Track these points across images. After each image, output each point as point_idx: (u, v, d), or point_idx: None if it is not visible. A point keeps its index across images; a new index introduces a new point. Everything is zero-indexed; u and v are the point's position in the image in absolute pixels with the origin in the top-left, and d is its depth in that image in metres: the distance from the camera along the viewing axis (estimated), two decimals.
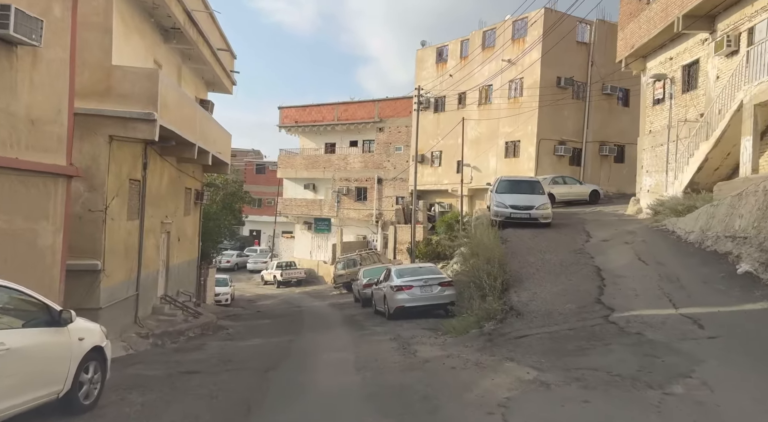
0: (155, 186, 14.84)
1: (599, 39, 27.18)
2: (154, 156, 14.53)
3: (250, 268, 42.28)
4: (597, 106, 27.29)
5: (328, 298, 25.22)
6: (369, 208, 34.87)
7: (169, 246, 16.67)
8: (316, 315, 16.98)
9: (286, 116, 38.47)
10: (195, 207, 19.74)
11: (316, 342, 9.87)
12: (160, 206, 15.33)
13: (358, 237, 35.47)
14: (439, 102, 31.33)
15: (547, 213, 15.07)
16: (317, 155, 37.46)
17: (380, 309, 14.89)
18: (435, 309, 13.18)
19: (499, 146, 27.68)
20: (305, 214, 37.86)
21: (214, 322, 14.49)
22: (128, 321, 13.13)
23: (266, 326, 14.22)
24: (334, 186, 36.29)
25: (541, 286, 9.28)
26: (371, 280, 18.55)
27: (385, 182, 34.44)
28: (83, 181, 11.22)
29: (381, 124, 34.46)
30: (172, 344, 10.55)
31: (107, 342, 5.65)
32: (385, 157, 34.41)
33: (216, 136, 18.26)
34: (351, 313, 16.76)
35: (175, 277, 17.49)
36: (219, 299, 25.09)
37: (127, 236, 12.83)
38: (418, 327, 10.99)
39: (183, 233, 18.23)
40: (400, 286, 13.21)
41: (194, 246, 19.98)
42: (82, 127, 11.14)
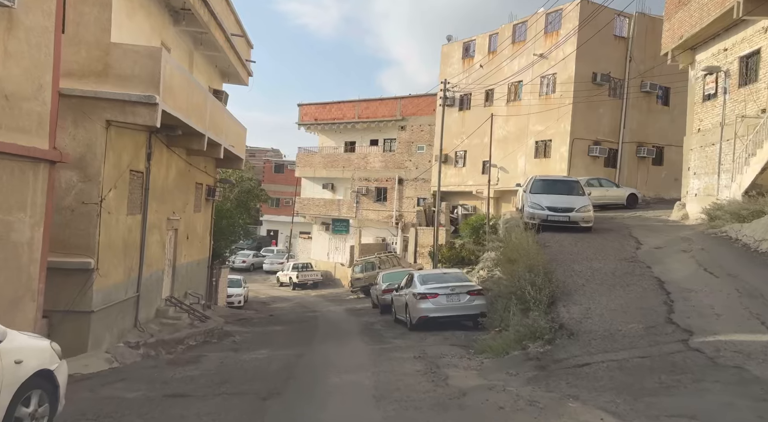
0: (161, 179, 13.77)
1: (638, 33, 25.50)
2: (160, 146, 13.47)
3: (266, 269, 41.33)
4: (635, 105, 25.59)
5: (344, 303, 23.97)
6: (389, 209, 33.59)
7: (177, 245, 15.60)
8: (332, 323, 15.73)
9: (305, 113, 37.44)
10: (206, 203, 18.69)
11: (329, 357, 8.61)
12: (166, 201, 14.27)
13: (376, 240, 34.20)
14: (465, 99, 29.93)
15: (588, 217, 13.58)
16: (336, 154, 36.33)
17: (401, 317, 13.57)
18: (462, 320, 11.80)
19: (528, 146, 26.15)
20: (323, 215, 36.73)
21: (220, 328, 13.34)
22: (127, 325, 12.04)
23: (276, 334, 13.02)
24: (353, 186, 35.11)
25: (595, 300, 7.86)
26: (391, 285, 17.23)
27: (406, 183, 33.11)
28: (77, 170, 10.17)
29: (403, 123, 33.16)
30: (167, 354, 9.38)
31: (60, 364, 4.45)
32: (406, 156, 33.10)
33: (229, 128, 17.18)
34: (369, 321, 15.47)
35: (183, 278, 16.43)
36: (231, 301, 24.03)
37: (127, 232, 11.74)
38: (446, 342, 9.65)
39: (192, 231, 17.18)
40: (424, 294, 11.87)
41: (205, 245, 18.93)
42: (76, 110, 10.11)
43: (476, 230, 23.77)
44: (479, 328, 11.29)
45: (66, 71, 10.13)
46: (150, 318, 13.48)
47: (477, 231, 23.75)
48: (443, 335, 10.83)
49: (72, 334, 10.13)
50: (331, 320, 16.65)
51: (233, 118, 17.97)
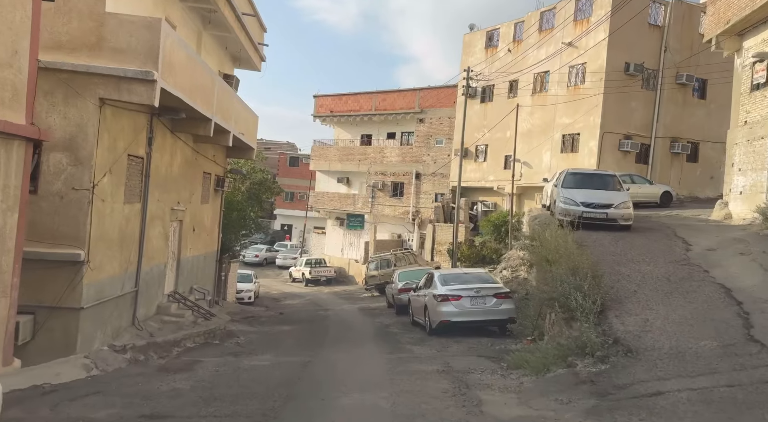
0: (164, 166, 12.85)
1: (674, 21, 23.98)
2: (163, 131, 12.53)
3: (279, 264, 40.53)
4: (669, 98, 24.09)
5: (358, 301, 22.96)
6: (405, 205, 32.48)
7: (182, 237, 14.70)
8: (344, 323, 14.70)
9: (321, 105, 36.45)
10: (215, 194, 17.78)
11: (338, 368, 7.57)
12: (170, 190, 13.35)
13: (392, 236, 33.13)
14: (487, 91, 28.65)
15: (628, 214, 12.33)
16: (352, 147, 35.29)
17: (419, 320, 12.49)
18: (488, 326, 10.68)
19: (554, 140, 24.81)
20: (337, 209, 35.76)
21: (224, 327, 12.40)
22: (123, 323, 11.15)
23: (284, 335, 12.03)
24: (368, 180, 34.06)
25: (652, 310, 6.70)
26: (408, 285, 16.16)
27: (424, 177, 31.96)
28: (67, 152, 9.26)
29: (421, 115, 31.98)
30: (159, 359, 8.42)
31: None
32: (424, 150, 31.92)
33: (239, 115, 16.22)
34: (384, 322, 14.42)
35: (189, 272, 15.54)
36: (241, 297, 23.18)
37: (125, 222, 10.83)
38: (472, 351, 8.57)
39: (199, 223, 16.27)
40: (446, 296, 10.77)
41: (213, 237, 18.03)
42: (66, 86, 9.18)
43: (498, 228, 22.56)
44: (507, 335, 10.17)
45: (55, 43, 9.23)
46: (150, 316, 12.59)
47: (499, 228, 22.55)
48: (467, 342, 9.73)
49: (59, 333, 9.25)
50: (343, 320, 15.63)
51: (244, 105, 17.01)
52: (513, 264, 18.70)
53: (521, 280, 15.25)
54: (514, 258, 19.68)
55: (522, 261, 18.93)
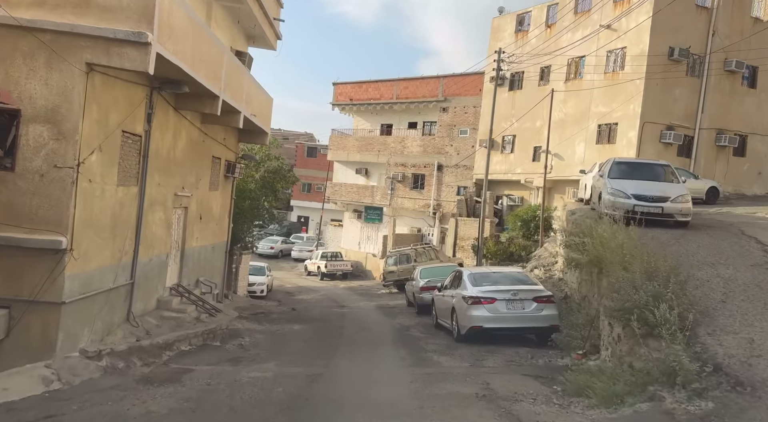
0: (166, 147, 11.68)
1: (724, 3, 22.03)
2: (165, 107, 11.35)
3: (295, 256, 39.51)
4: (716, 86, 22.21)
5: (375, 298, 21.69)
6: (426, 198, 31.07)
7: (187, 225, 13.57)
8: (360, 323, 13.44)
9: (340, 93, 35.16)
10: (225, 181, 16.63)
11: (353, 385, 6.29)
12: (173, 174, 12.20)
13: (411, 230, 31.78)
14: (516, 78, 27.02)
15: (686, 209, 10.79)
16: (372, 137, 33.96)
17: (444, 323, 11.15)
18: (526, 333, 9.29)
19: (589, 130, 23.13)
20: (355, 201, 34.52)
21: (227, 326, 11.24)
22: (116, 319, 10.03)
23: (293, 337, 10.81)
24: (388, 171, 32.72)
25: (753, 326, 5.27)
26: (431, 283, 14.83)
27: (446, 169, 30.49)
28: (48, 124, 8.10)
29: (445, 104, 30.47)
30: (142, 367, 7.24)
31: None
32: (447, 140, 30.43)
33: (251, 95, 15.00)
34: (404, 324, 13.12)
35: (194, 264, 14.42)
36: (253, 290, 22.10)
37: (118, 207, 9.68)
38: (512, 366, 7.22)
39: (207, 211, 15.13)
40: (478, 298, 9.40)
41: (222, 227, 16.90)
42: (48, 49, 8.02)
43: (526, 223, 21.06)
44: (549, 346, 8.77)
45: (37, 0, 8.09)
46: (149, 311, 11.48)
47: (527, 224, 21.05)
48: (503, 353, 8.38)
49: (37, 330, 8.13)
50: (359, 320, 14.37)
51: (257, 84, 15.78)
52: (545, 263, 17.22)
53: (556, 281, 13.79)
54: (546, 256, 18.19)
55: (554, 259, 17.47)
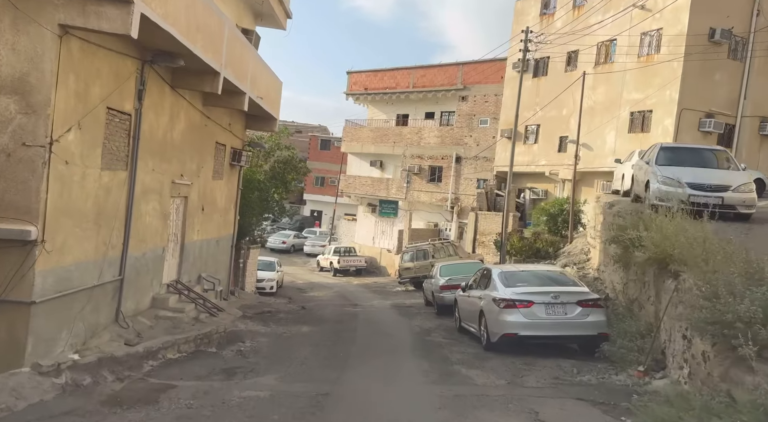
0: (162, 129, 10.56)
1: None
2: (160, 85, 10.22)
3: (307, 251, 38.48)
4: (761, 70, 20.54)
5: (390, 296, 20.48)
6: (443, 191, 29.74)
7: (187, 217, 12.47)
8: (375, 326, 12.23)
9: (354, 82, 33.91)
10: (231, 170, 15.51)
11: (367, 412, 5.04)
12: (170, 159, 11.09)
13: (428, 225, 30.49)
14: (541, 64, 25.51)
15: (750, 199, 9.39)
16: (387, 127, 32.66)
17: (470, 328, 9.89)
18: (569, 342, 8.00)
19: (621, 118, 21.59)
20: (370, 195, 33.29)
21: (227, 328, 10.11)
22: (102, 319, 8.95)
23: (301, 340, 9.63)
24: (404, 163, 31.42)
25: None
26: (452, 281, 13.57)
27: (465, 161, 29.10)
28: (16, 96, 7.00)
29: (464, 92, 29.05)
30: (114, 382, 6.08)
31: None
32: (466, 131, 29.02)
33: (258, 76, 13.83)
34: (424, 327, 11.88)
35: (196, 258, 13.34)
36: (262, 286, 21.04)
37: (103, 194, 8.57)
38: (559, 385, 5.97)
39: (210, 201, 14.03)
40: (512, 301, 8.12)
41: (228, 219, 15.80)
42: (14, 8, 6.89)
43: (553, 217, 19.65)
44: (597, 358, 7.46)
45: None
46: (142, 310, 10.40)
47: (554, 218, 19.63)
48: (543, 366, 7.10)
49: (4, 334, 7.08)
50: (374, 321, 13.16)
51: (264, 64, 14.60)
52: (576, 260, 15.84)
53: (590, 280, 12.41)
54: (576, 252, 16.80)
55: (586, 256, 16.10)
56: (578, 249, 17.05)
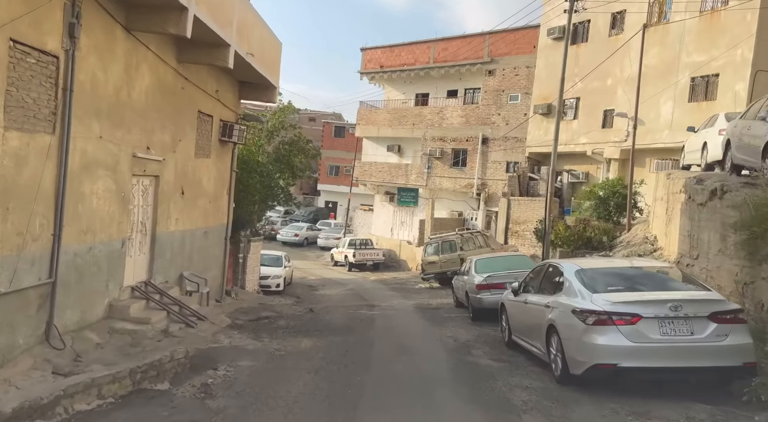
0: (113, 83, 8.03)
1: None
2: (108, 24, 7.67)
3: (321, 244, 36.03)
4: None
5: (413, 294, 17.84)
6: (468, 177, 26.91)
7: (159, 201, 9.97)
8: (396, 338, 9.58)
9: (369, 60, 31.17)
10: (221, 148, 12.98)
11: None
12: (129, 126, 8.57)
13: (451, 214, 27.74)
14: (580, 29, 22.46)
15: None
16: (405, 108, 29.89)
17: (528, 345, 7.21)
18: (697, 375, 5.25)
19: (679, 85, 18.51)
20: (387, 182, 30.63)
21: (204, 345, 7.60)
22: (21, 339, 6.50)
23: (295, 366, 7.03)
24: (424, 147, 28.64)
25: None
26: (492, 279, 10.87)
27: (492, 143, 26.21)
28: None
29: (491, 66, 26.10)
30: None
31: None
32: (494, 108, 26.10)
33: (247, 27, 11.23)
34: (459, 339, 9.22)
35: (176, 253, 10.87)
36: (267, 284, 18.59)
37: (10, 163, 6.08)
38: None
39: (194, 183, 11.53)
40: (606, 314, 5.39)
41: (220, 207, 13.30)
42: None
43: (603, 202, 16.74)
44: (745, 401, 4.70)
45: None
46: (91, 322, 7.94)
47: (605, 202, 16.72)
48: (664, 415, 4.37)
49: None
50: (395, 330, 10.52)
51: (257, 16, 11.99)
52: (640, 251, 12.96)
53: None
54: (637, 242, 13.89)
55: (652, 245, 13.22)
56: (639, 237, 14.15)
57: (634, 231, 14.72)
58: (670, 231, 11.70)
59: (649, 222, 14.53)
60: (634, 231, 14.72)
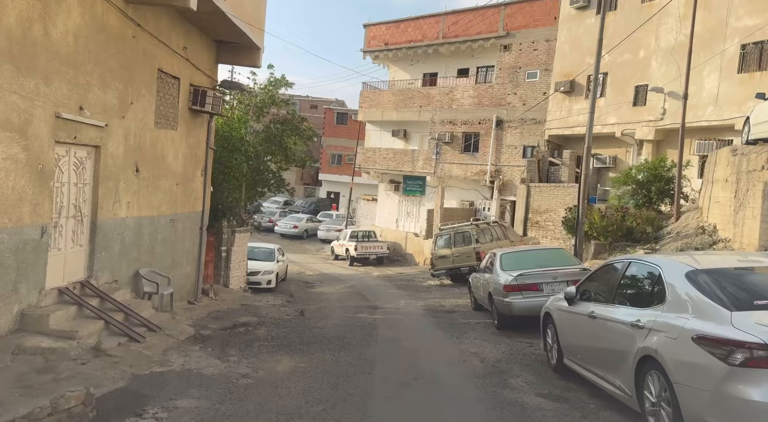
0: (17, 13, 5.84)
1: None
2: None
3: (322, 237, 33.89)
4: None
5: (421, 293, 15.66)
6: (481, 163, 24.64)
7: (102, 179, 7.82)
8: (404, 357, 7.38)
9: (373, 37, 28.85)
10: (193, 119, 10.79)
11: None
12: (48, 75, 6.40)
13: (462, 204, 25.50)
14: None
15: None
16: (412, 89, 27.57)
17: (605, 382, 4.99)
18: None
19: (727, 54, 16.16)
20: (392, 170, 28.40)
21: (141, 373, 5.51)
22: None
23: (261, 406, 4.88)
24: (432, 131, 26.36)
25: None
26: (524, 279, 8.68)
27: (508, 125, 23.89)
28: None
29: (507, 40, 23.74)
30: None
31: None
32: (509, 87, 23.77)
33: None
34: (487, 357, 7.06)
35: (129, 246, 8.73)
36: (257, 281, 16.47)
37: None
38: None
39: (154, 160, 9.36)
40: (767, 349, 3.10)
41: (192, 191, 11.13)
42: None
43: (643, 186, 14.46)
44: None
45: None
46: None
47: (644, 188, 14.45)
48: None
49: None
50: (401, 344, 8.34)
51: None
52: (698, 243, 10.70)
53: None
54: (689, 232, 11.62)
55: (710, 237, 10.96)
56: (692, 227, 11.91)
57: (684, 221, 12.47)
58: (742, 218, 9.45)
59: (702, 210, 12.29)
60: (684, 221, 12.47)
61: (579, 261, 9.82)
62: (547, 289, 8.43)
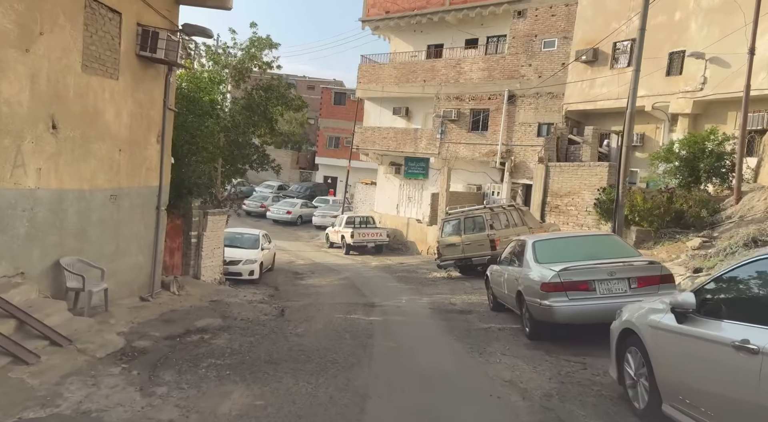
0: None
1: None
2: None
3: (317, 223, 31.74)
4: None
5: (426, 287, 13.49)
6: (490, 142, 22.40)
7: None
8: (408, 387, 5.24)
9: (372, 5, 26.42)
10: (143, 69, 8.54)
11: None
12: None
13: (468, 187, 23.32)
14: None
15: None
16: (415, 62, 25.23)
17: None
18: None
19: None
20: (393, 151, 26.15)
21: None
22: None
23: None
24: (437, 108, 24.08)
25: None
26: (572, 275, 6.47)
27: (521, 101, 21.62)
28: None
29: (521, 5, 21.39)
30: None
31: None
32: (524, 58, 21.46)
33: None
34: (532, 394, 4.90)
35: (41, 228, 6.57)
36: (237, 271, 14.38)
37: None
38: None
39: (84, 116, 7.14)
40: None
41: (144, 160, 8.92)
42: None
43: (689, 163, 12.26)
44: None
45: None
46: None
47: (691, 165, 12.25)
48: None
49: None
50: (404, 361, 6.20)
51: None
52: None
53: None
54: (758, 216, 9.44)
55: None
56: (758, 210, 9.74)
57: (747, 203, 10.28)
58: None
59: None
60: (747, 203, 10.28)
61: (637, 252, 7.63)
62: (601, 289, 6.28)
